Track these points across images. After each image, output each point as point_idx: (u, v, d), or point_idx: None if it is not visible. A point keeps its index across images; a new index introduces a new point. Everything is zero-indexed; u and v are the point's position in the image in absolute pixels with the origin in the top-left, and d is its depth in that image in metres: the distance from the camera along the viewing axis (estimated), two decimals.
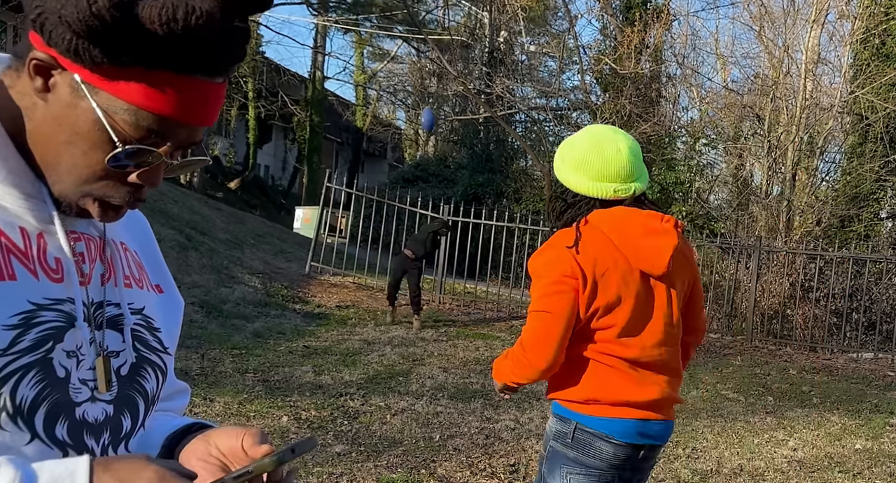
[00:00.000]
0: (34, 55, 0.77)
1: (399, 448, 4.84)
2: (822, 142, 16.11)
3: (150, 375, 0.91)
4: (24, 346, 0.77)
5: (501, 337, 9.04)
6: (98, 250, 0.89)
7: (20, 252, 0.80)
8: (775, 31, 17.13)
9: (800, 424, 6.15)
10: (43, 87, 0.78)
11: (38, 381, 0.78)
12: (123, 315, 0.88)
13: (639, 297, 2.03)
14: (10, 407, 0.75)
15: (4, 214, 0.80)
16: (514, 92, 17.34)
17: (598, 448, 2.04)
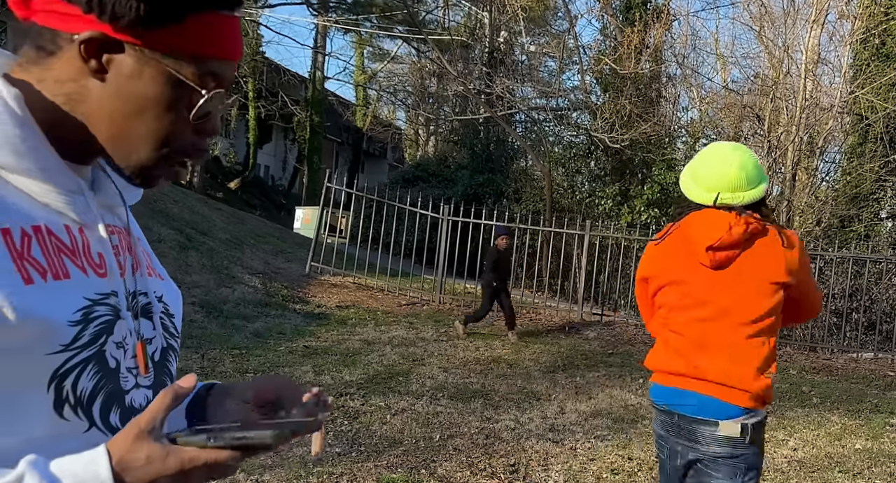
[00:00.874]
0: (84, 37, 0.79)
1: (399, 448, 4.84)
2: (822, 142, 16.11)
3: (173, 359, 0.97)
4: (84, 341, 0.80)
5: (501, 337, 9.04)
6: (126, 242, 0.93)
7: (69, 250, 0.83)
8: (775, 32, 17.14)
9: (800, 424, 6.15)
10: (98, 67, 0.80)
11: (95, 373, 0.82)
12: (152, 303, 0.93)
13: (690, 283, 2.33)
14: (72, 398, 0.79)
15: (49, 213, 0.82)
16: (514, 92, 17.34)
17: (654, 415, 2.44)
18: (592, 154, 16.91)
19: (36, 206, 0.81)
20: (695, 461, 2.29)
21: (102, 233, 0.87)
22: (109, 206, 0.92)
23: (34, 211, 0.80)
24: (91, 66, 0.80)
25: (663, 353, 2.37)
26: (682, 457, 2.31)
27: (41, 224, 0.80)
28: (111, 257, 0.87)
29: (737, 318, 2.28)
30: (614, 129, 14.98)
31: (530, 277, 12.37)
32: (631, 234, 12.09)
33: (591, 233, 11.45)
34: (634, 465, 4.88)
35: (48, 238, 0.80)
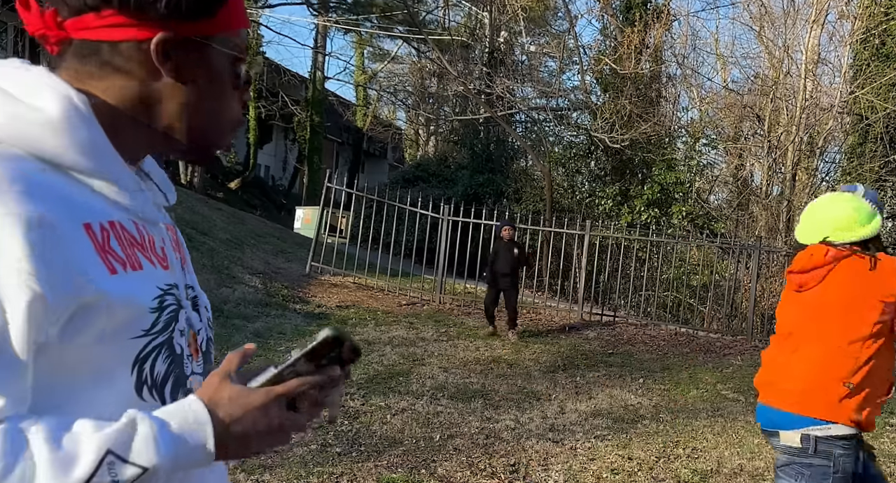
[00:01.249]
0: (158, 40, 0.87)
1: (399, 448, 4.85)
2: (822, 142, 16.12)
3: (213, 349, 1.05)
4: (160, 327, 0.88)
5: (501, 337, 9.05)
6: (173, 238, 1.01)
7: (138, 244, 0.89)
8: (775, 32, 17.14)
9: None
10: (172, 66, 0.89)
11: (167, 358, 0.89)
12: (198, 296, 1.02)
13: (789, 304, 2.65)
14: (150, 380, 0.87)
15: (119, 211, 0.88)
16: (514, 92, 17.35)
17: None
18: (592, 154, 16.91)
19: (109, 204, 0.87)
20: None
21: (162, 228, 0.96)
22: (158, 205, 0.99)
23: (107, 208, 0.86)
24: (167, 68, 0.88)
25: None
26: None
27: (115, 220, 0.86)
28: (171, 251, 0.96)
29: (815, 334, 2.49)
30: (614, 129, 14.98)
31: (530, 277, 12.38)
32: (631, 234, 12.09)
33: (591, 233, 11.45)
34: (634, 465, 4.88)
35: (122, 233, 0.87)
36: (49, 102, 0.82)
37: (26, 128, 0.81)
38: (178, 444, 0.79)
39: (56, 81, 0.85)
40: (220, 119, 0.95)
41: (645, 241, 11.72)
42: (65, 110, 0.83)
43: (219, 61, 0.93)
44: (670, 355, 8.94)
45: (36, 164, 0.81)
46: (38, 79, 0.85)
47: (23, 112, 0.81)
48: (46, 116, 0.82)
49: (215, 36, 0.91)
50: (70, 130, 0.82)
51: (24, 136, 0.81)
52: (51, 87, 0.84)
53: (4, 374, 0.75)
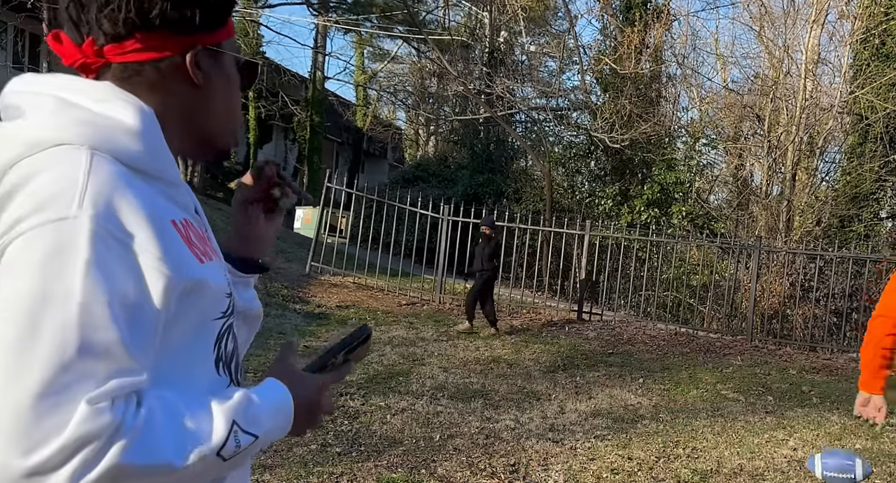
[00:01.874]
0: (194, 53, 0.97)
1: (399, 448, 4.84)
2: (822, 142, 16.12)
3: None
4: (230, 310, 0.99)
5: (501, 337, 9.05)
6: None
7: (203, 238, 0.98)
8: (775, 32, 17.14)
9: (800, 424, 6.15)
10: (203, 76, 0.99)
11: (232, 338, 1.01)
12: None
13: None
14: (225, 357, 0.99)
15: (183, 210, 0.97)
16: (514, 92, 17.34)
17: None
18: (592, 154, 16.91)
19: (175, 204, 0.95)
20: None
21: (207, 226, 1.04)
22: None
23: (178, 207, 0.96)
24: (198, 79, 0.98)
25: None
26: None
27: (186, 217, 0.96)
28: (215, 244, 1.04)
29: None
30: (614, 129, 14.98)
31: (530, 277, 12.38)
32: (631, 234, 12.08)
33: (591, 233, 11.45)
34: (634, 465, 4.88)
35: (192, 229, 0.96)
36: (126, 112, 0.91)
37: (110, 136, 0.89)
38: (276, 418, 0.95)
39: (127, 94, 0.94)
40: (237, 118, 1.06)
41: (645, 240, 11.72)
42: (141, 119, 0.92)
43: (230, 64, 1.03)
44: (670, 355, 8.94)
45: (124, 168, 0.89)
46: (110, 92, 0.93)
47: (104, 122, 0.89)
48: (127, 125, 0.90)
49: (225, 42, 1.02)
50: (146, 137, 0.91)
51: (109, 143, 0.88)
52: (124, 100, 0.92)
53: (147, 348, 0.84)
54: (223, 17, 1.00)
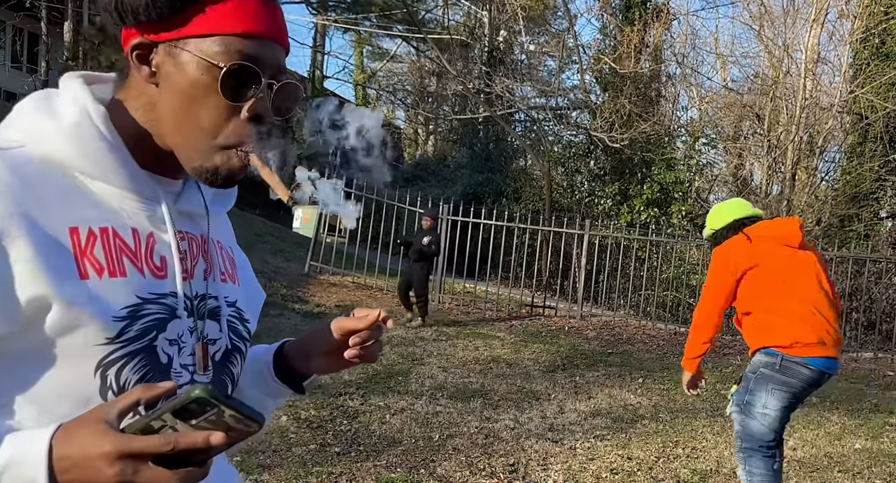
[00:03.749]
0: (131, 45, 0.88)
1: (398, 448, 4.84)
2: (822, 141, 16.11)
3: (238, 361, 1.03)
4: (131, 335, 0.87)
5: (501, 337, 9.04)
6: (200, 249, 1.00)
7: (130, 251, 0.90)
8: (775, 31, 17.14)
9: (799, 424, 6.15)
10: (150, 72, 0.89)
11: (142, 367, 0.88)
12: (220, 307, 1.00)
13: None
14: (115, 387, 0.86)
15: (120, 217, 0.90)
16: (513, 91, 17.33)
17: (800, 372, 3.43)
18: (592, 153, 16.90)
19: (108, 210, 0.89)
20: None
21: (171, 239, 0.94)
22: (190, 214, 0.99)
23: (105, 214, 0.89)
24: (144, 73, 0.89)
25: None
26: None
27: (109, 226, 0.88)
28: (175, 261, 0.93)
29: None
30: (614, 128, 14.97)
31: (530, 277, 12.37)
32: (630, 234, 12.08)
33: (591, 232, 11.44)
34: (634, 465, 4.87)
35: (113, 239, 0.88)
36: (66, 112, 0.89)
37: (44, 133, 0.88)
38: (4, 474, 0.75)
39: (81, 93, 0.91)
40: (203, 135, 0.88)
41: (644, 240, 11.71)
42: (77, 119, 0.88)
43: (195, 66, 0.86)
44: (670, 355, 8.93)
45: (42, 168, 0.86)
46: (70, 90, 0.91)
47: (45, 119, 0.89)
48: (61, 124, 0.88)
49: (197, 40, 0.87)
50: (79, 138, 0.88)
51: (41, 140, 0.88)
52: (73, 98, 0.90)
53: None
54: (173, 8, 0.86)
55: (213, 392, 0.72)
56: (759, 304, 3.50)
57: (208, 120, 0.88)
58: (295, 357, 1.12)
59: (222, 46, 0.86)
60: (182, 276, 0.94)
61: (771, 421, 3.48)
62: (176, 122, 0.89)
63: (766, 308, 3.49)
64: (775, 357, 3.42)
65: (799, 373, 3.40)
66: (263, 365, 1.13)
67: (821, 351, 3.41)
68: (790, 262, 3.54)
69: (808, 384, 3.46)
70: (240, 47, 0.87)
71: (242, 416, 0.74)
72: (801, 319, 3.44)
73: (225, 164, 0.89)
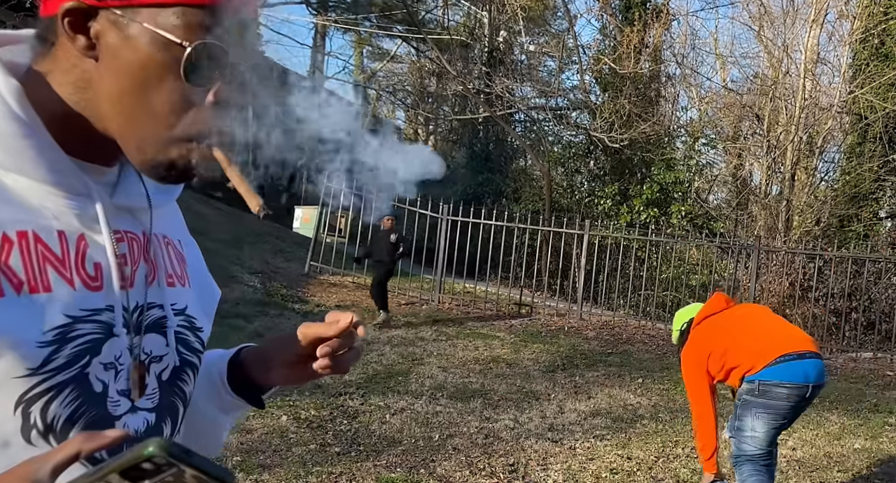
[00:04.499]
0: (64, 9, 0.70)
1: (398, 447, 4.84)
2: (822, 141, 16.11)
3: (190, 378, 0.87)
4: (59, 363, 0.71)
5: (500, 337, 9.04)
6: (142, 249, 0.83)
7: (56, 259, 0.73)
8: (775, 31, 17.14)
9: (798, 424, 6.14)
10: (87, 44, 0.71)
11: (73, 399, 0.72)
12: (167, 317, 0.84)
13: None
14: (40, 425, 0.71)
15: (43, 218, 0.73)
16: (513, 92, 17.34)
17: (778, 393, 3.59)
18: (592, 154, 16.91)
19: (27, 209, 0.72)
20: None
21: (106, 241, 0.77)
22: (130, 208, 0.82)
23: (23, 214, 0.72)
24: (79, 44, 0.71)
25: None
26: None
27: (28, 229, 0.71)
28: (111, 268, 0.77)
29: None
30: (613, 128, 14.98)
31: (529, 277, 12.37)
32: (630, 234, 12.08)
33: (591, 232, 11.44)
34: (633, 465, 4.88)
35: (34, 245, 0.71)
36: None
37: None
38: None
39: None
40: (157, 124, 0.72)
41: (644, 240, 11.72)
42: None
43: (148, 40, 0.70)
44: (669, 355, 8.93)
45: None
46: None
47: None
48: None
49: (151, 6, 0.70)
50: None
51: None
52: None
53: None
54: None
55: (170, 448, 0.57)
56: (726, 362, 3.76)
57: (164, 106, 0.72)
58: (253, 366, 0.94)
59: (184, 19, 0.70)
60: (120, 284, 0.77)
61: (760, 442, 3.66)
62: (121, 106, 0.72)
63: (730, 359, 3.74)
64: (753, 383, 3.64)
65: (778, 394, 3.57)
66: (217, 375, 0.95)
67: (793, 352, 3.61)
68: (727, 319, 3.90)
69: (793, 401, 3.59)
70: (200, 19, 0.70)
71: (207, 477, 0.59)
72: (759, 343, 3.71)
73: (182, 159, 0.74)
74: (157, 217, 0.87)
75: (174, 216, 0.96)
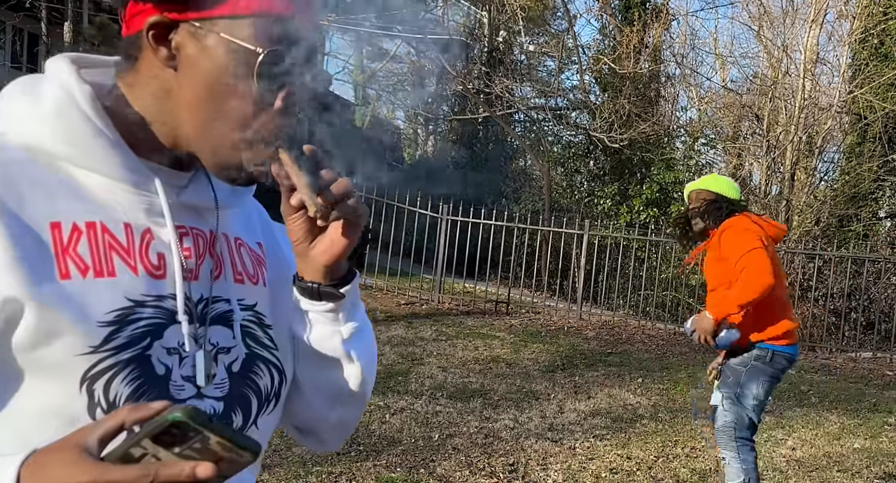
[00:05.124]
0: (149, 23, 0.78)
1: (398, 447, 4.84)
2: (821, 141, 16.12)
3: (264, 372, 0.89)
4: (119, 342, 0.76)
5: (500, 336, 9.04)
6: (208, 245, 0.88)
7: (121, 248, 0.80)
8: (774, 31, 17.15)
9: (798, 424, 6.16)
10: (169, 54, 0.79)
11: (134, 378, 0.77)
12: (233, 311, 0.88)
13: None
14: (104, 403, 0.75)
15: (111, 211, 0.80)
16: (512, 91, 17.34)
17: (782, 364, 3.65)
18: (591, 154, 16.91)
19: (97, 203, 0.80)
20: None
21: (169, 232, 0.83)
22: (196, 207, 0.88)
23: (93, 207, 0.79)
24: (161, 55, 0.79)
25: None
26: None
27: (97, 220, 0.79)
28: (175, 260, 0.82)
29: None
30: (613, 128, 14.98)
31: (529, 277, 12.37)
32: (630, 234, 12.08)
33: (590, 232, 11.44)
34: (633, 465, 4.88)
35: (101, 235, 0.79)
36: (46, 93, 0.80)
37: (23, 118, 0.80)
38: None
39: (65, 73, 0.81)
40: (231, 128, 0.80)
41: (644, 240, 11.72)
42: (57, 101, 0.79)
43: (223, 50, 0.78)
44: (669, 355, 8.94)
45: (22, 155, 0.78)
46: (53, 71, 0.83)
47: (26, 103, 0.80)
48: (40, 107, 0.79)
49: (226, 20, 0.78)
50: (59, 121, 0.79)
51: (21, 126, 0.79)
52: (55, 79, 0.81)
53: None
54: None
55: (193, 414, 0.61)
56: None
57: (237, 111, 0.79)
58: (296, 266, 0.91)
59: (257, 28, 0.78)
60: (183, 275, 0.82)
61: (759, 410, 3.70)
62: (198, 112, 0.80)
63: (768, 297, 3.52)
64: (767, 351, 3.63)
65: (781, 364, 3.65)
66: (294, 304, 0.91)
67: (796, 338, 3.74)
68: (775, 255, 3.77)
69: (783, 373, 3.73)
70: (276, 29, 0.79)
71: (232, 445, 0.62)
72: (787, 308, 3.76)
73: (252, 161, 0.81)
74: (227, 218, 0.93)
75: (249, 220, 1.01)
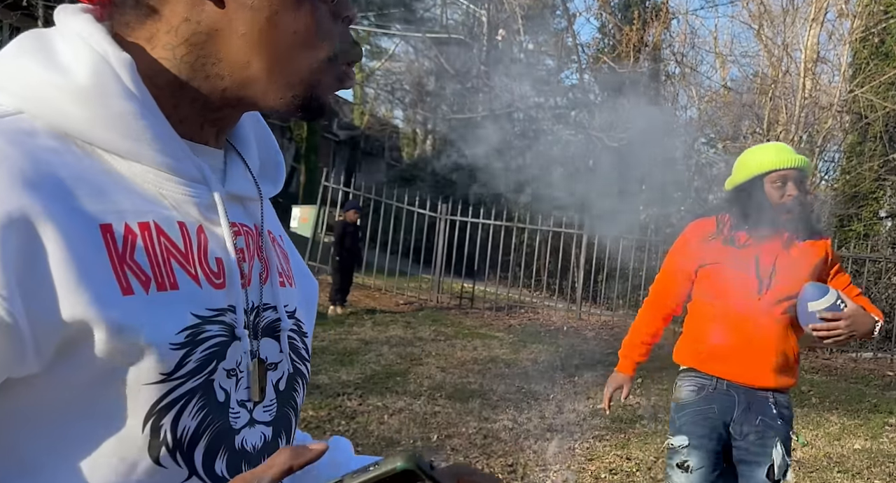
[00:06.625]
0: None
1: (397, 448, 4.81)
2: (821, 141, 16.09)
3: (301, 388, 0.80)
4: (190, 368, 0.64)
5: (499, 336, 9.02)
6: (256, 244, 0.76)
7: (180, 253, 0.66)
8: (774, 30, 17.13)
9: (798, 424, 6.13)
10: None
11: (200, 409, 0.65)
12: (280, 319, 0.76)
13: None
14: (170, 441, 0.63)
15: (162, 207, 0.66)
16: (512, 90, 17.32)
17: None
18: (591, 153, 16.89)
19: (145, 199, 0.65)
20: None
21: (225, 234, 0.70)
22: (241, 198, 0.76)
23: (142, 204, 0.65)
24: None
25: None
26: None
27: (150, 220, 0.64)
28: (233, 264, 0.70)
29: None
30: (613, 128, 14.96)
31: (528, 276, 12.35)
32: (630, 234, 12.06)
33: (590, 232, 11.43)
34: (632, 465, 4.86)
35: (157, 238, 0.64)
36: (79, 63, 0.64)
37: (50, 96, 0.63)
38: None
39: (95, 34, 0.65)
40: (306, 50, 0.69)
41: (644, 240, 11.69)
42: (95, 72, 0.63)
43: None
44: (669, 355, 8.92)
45: (53, 142, 0.62)
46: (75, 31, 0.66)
47: (45, 73, 0.63)
48: (73, 81, 0.63)
49: None
50: (99, 99, 0.63)
51: (47, 105, 0.63)
52: (84, 45, 0.65)
53: None
54: None
55: (419, 461, 0.55)
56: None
57: (306, 29, 0.68)
58: None
59: None
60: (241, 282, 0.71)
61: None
62: (264, 43, 0.67)
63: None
64: None
65: None
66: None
67: None
68: None
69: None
70: None
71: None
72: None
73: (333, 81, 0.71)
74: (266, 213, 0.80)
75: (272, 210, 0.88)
